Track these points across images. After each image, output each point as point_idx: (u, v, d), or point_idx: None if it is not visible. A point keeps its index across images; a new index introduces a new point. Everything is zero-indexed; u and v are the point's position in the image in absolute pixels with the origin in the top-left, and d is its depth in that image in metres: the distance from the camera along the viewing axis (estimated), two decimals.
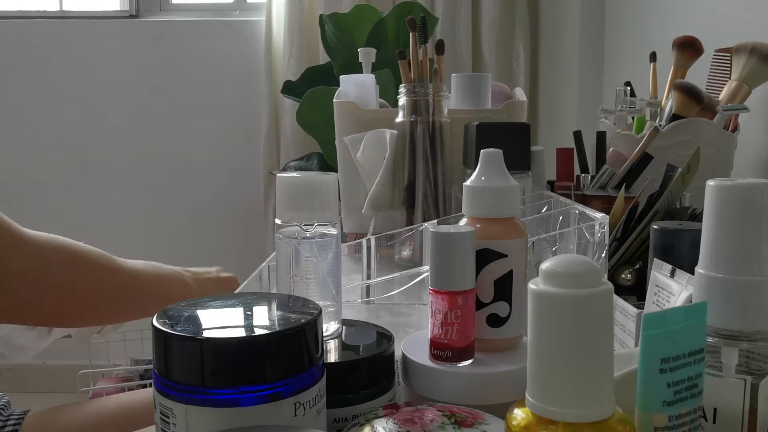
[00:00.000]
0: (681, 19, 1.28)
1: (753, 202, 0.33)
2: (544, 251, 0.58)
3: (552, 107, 2.06)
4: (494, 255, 0.43)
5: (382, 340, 0.43)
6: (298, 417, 0.34)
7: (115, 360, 1.95)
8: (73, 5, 2.41)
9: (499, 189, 0.43)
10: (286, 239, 0.44)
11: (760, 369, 0.33)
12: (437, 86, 0.88)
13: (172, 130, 2.35)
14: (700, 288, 0.34)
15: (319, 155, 1.87)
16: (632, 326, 0.47)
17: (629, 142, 0.91)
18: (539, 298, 0.28)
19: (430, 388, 0.41)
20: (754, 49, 0.89)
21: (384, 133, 0.91)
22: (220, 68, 2.32)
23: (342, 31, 1.71)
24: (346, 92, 1.00)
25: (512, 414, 0.29)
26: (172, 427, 0.33)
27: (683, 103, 0.89)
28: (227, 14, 2.39)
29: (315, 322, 0.36)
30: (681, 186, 0.68)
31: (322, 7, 2.10)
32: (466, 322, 0.41)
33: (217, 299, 0.40)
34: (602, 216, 0.58)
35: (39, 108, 2.34)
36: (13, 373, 2.40)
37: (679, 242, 0.52)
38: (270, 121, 2.22)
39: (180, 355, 0.33)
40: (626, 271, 0.65)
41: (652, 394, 0.29)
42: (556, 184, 0.98)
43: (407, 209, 0.90)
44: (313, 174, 0.45)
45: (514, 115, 0.95)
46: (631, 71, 1.46)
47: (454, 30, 2.14)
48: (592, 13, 1.75)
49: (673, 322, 0.29)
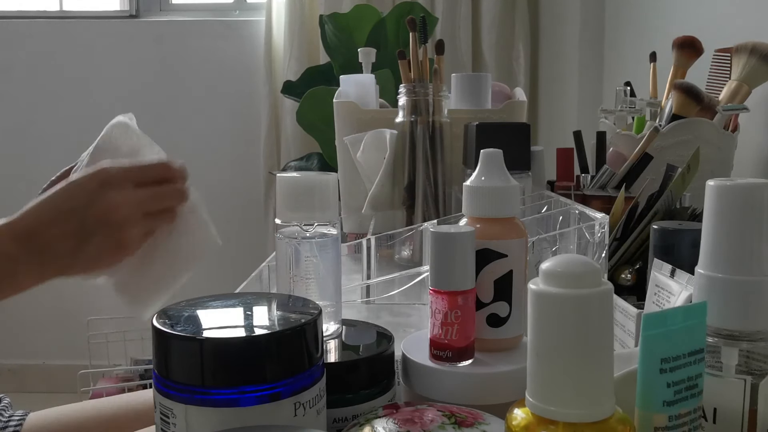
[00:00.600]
0: (681, 19, 1.28)
1: (753, 202, 0.33)
2: (544, 251, 0.58)
3: (552, 107, 2.06)
4: (494, 255, 0.43)
5: (382, 340, 0.43)
6: (298, 417, 0.34)
7: (115, 360, 1.95)
8: (73, 5, 2.41)
9: (499, 189, 0.43)
10: (286, 239, 0.44)
11: (760, 369, 0.33)
12: (437, 86, 0.88)
13: (172, 129, 2.35)
14: (700, 288, 0.34)
15: (319, 155, 1.87)
16: (632, 326, 0.47)
17: (629, 142, 0.91)
18: (539, 298, 0.28)
19: (430, 388, 0.41)
20: (754, 49, 0.89)
21: (384, 133, 0.91)
22: (220, 68, 2.32)
23: (342, 31, 1.71)
24: (346, 92, 1.00)
25: (512, 414, 0.29)
26: (172, 427, 0.33)
27: (683, 103, 0.89)
28: (227, 14, 2.39)
29: (315, 322, 0.36)
30: (681, 186, 0.68)
31: (322, 7, 2.10)
32: (466, 322, 0.41)
33: (218, 299, 0.40)
34: (602, 216, 0.58)
35: (39, 108, 2.34)
36: (13, 373, 2.40)
37: (679, 242, 0.52)
38: (270, 121, 2.22)
39: (180, 355, 0.33)
40: (626, 271, 0.65)
41: (652, 394, 0.29)
42: (556, 184, 0.98)
43: (407, 209, 0.90)
44: (313, 174, 0.45)
45: (514, 115, 0.95)
46: (631, 71, 1.46)
47: (454, 30, 2.14)
48: (592, 13, 1.75)
49: (673, 322, 0.29)
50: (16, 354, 2.42)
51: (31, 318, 2.33)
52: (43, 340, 2.40)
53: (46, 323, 2.31)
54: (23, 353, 2.42)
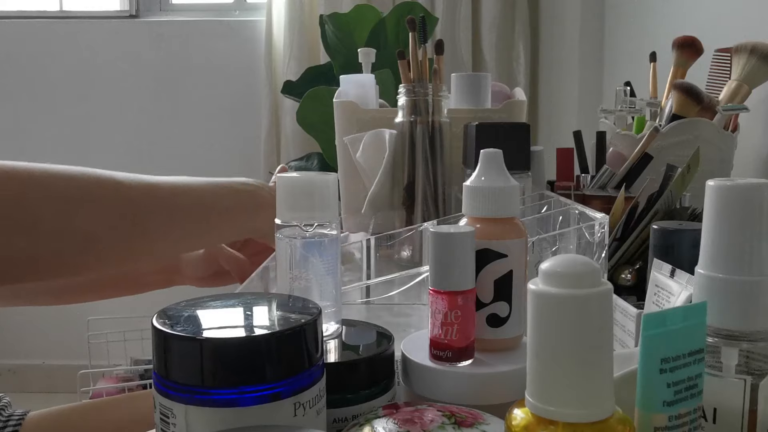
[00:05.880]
0: (681, 19, 1.28)
1: (753, 202, 0.33)
2: (544, 251, 0.58)
3: (552, 107, 2.06)
4: (494, 255, 0.42)
5: (382, 340, 0.43)
6: (298, 417, 0.34)
7: (115, 360, 1.95)
8: (73, 5, 2.41)
9: (499, 189, 0.43)
10: (286, 239, 0.44)
11: (760, 369, 0.33)
12: (437, 86, 0.88)
13: (172, 129, 2.35)
14: (700, 288, 0.34)
15: (319, 155, 1.87)
16: (632, 326, 0.47)
17: (629, 142, 0.91)
18: (539, 298, 0.28)
19: (430, 388, 0.41)
20: (754, 49, 0.89)
21: (383, 133, 0.91)
22: (220, 68, 2.32)
23: (342, 31, 1.71)
24: (346, 92, 0.99)
25: (512, 414, 0.29)
26: (172, 428, 0.33)
27: (683, 103, 0.89)
28: (227, 14, 2.39)
29: (315, 322, 0.36)
30: (681, 186, 0.68)
31: (322, 7, 2.10)
32: (466, 322, 0.41)
33: (217, 299, 0.40)
34: (602, 216, 0.58)
35: (39, 108, 2.34)
36: (13, 373, 2.40)
37: (679, 242, 0.52)
38: (270, 121, 2.22)
39: (180, 355, 0.33)
40: (626, 271, 0.65)
41: (652, 394, 0.29)
42: (556, 184, 0.97)
43: (407, 209, 0.90)
44: (313, 174, 0.45)
45: (514, 114, 0.95)
46: (631, 71, 1.46)
47: (454, 30, 2.14)
48: (592, 13, 1.75)
49: (673, 323, 0.29)
50: (16, 354, 2.42)
51: (31, 318, 2.33)
52: (43, 340, 2.40)
53: (46, 323, 2.31)
54: (23, 353, 2.42)
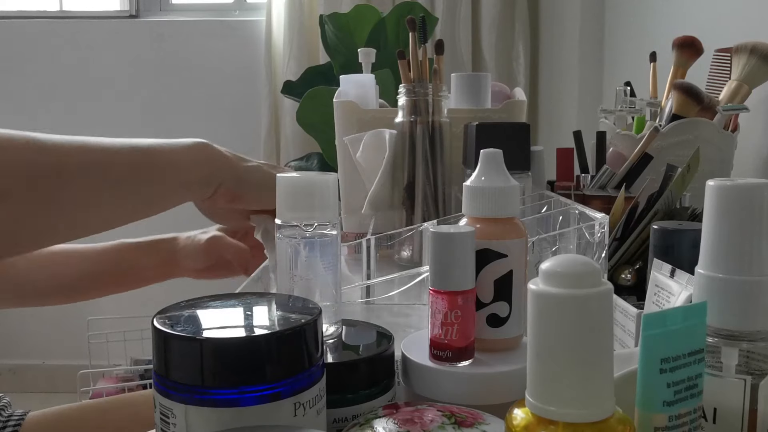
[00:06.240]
0: (681, 19, 1.28)
1: (753, 202, 0.33)
2: (544, 251, 0.58)
3: (552, 107, 2.06)
4: (494, 255, 0.42)
5: (382, 340, 0.43)
6: (298, 417, 0.34)
7: (115, 360, 1.95)
8: (73, 5, 2.41)
9: (499, 189, 0.43)
10: (286, 239, 0.44)
11: (760, 369, 0.33)
12: (437, 86, 0.88)
13: (172, 130, 2.34)
14: (700, 288, 0.34)
15: (319, 155, 1.87)
16: (632, 326, 0.47)
17: (629, 142, 0.91)
18: (539, 298, 0.28)
19: (430, 388, 0.41)
20: (754, 49, 0.89)
21: (383, 133, 0.91)
22: (220, 68, 2.32)
23: (342, 31, 1.71)
24: (346, 92, 0.99)
25: (512, 414, 0.29)
26: (172, 428, 0.33)
27: (683, 103, 0.89)
28: (227, 14, 2.39)
29: (315, 322, 0.36)
30: (681, 186, 0.68)
31: (322, 7, 2.10)
32: (466, 322, 0.41)
33: (217, 299, 0.40)
34: (602, 216, 0.58)
35: (39, 108, 2.34)
36: (13, 373, 2.40)
37: (679, 242, 0.52)
38: (270, 121, 2.22)
39: (180, 355, 0.33)
40: (626, 271, 0.65)
41: (652, 394, 0.29)
42: (556, 184, 0.97)
43: (407, 209, 0.90)
44: (313, 174, 0.45)
45: (514, 114, 0.95)
46: (631, 71, 1.46)
47: (454, 30, 2.14)
48: (592, 13, 1.75)
49: (673, 322, 0.29)
50: (16, 354, 2.42)
51: (31, 318, 2.33)
52: (43, 340, 2.40)
53: (46, 323, 2.31)
54: (23, 353, 2.42)
